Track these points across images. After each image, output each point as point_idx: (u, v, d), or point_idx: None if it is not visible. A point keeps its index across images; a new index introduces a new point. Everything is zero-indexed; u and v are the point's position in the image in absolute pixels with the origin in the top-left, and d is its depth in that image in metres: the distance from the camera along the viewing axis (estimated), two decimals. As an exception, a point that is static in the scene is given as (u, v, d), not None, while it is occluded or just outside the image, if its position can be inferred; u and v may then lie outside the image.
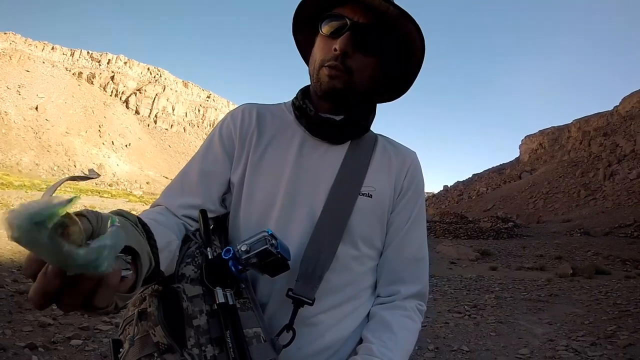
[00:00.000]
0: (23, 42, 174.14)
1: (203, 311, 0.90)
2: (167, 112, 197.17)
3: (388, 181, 1.24)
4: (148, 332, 0.87)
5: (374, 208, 1.19)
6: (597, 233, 31.67)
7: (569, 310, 9.13)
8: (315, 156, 1.21)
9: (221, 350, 0.87)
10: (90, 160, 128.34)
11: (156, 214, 1.10)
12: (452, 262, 18.67)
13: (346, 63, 1.12)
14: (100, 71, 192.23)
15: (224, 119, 1.31)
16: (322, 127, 1.21)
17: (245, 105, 1.32)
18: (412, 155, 1.33)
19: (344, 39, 1.10)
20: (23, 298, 6.14)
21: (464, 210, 68.98)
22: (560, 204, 61.16)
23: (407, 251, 1.24)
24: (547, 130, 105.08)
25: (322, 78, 1.15)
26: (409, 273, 1.23)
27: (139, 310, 0.90)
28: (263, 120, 1.28)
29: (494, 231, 32.79)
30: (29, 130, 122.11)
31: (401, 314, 1.17)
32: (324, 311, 1.12)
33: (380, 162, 1.26)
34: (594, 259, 19.47)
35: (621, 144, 70.44)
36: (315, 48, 1.20)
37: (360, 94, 1.20)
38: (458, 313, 8.82)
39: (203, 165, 1.23)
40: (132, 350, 0.87)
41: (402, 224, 1.25)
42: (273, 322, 1.06)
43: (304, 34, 1.32)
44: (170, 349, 0.85)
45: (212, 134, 1.29)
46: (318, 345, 1.11)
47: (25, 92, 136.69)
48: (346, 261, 1.15)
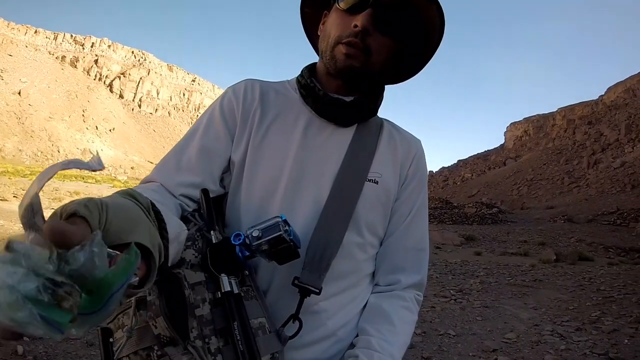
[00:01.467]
0: (5, 25, 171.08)
1: (206, 300, 0.84)
2: (152, 96, 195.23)
3: (394, 168, 1.20)
4: (148, 323, 0.81)
5: (380, 194, 1.15)
6: (581, 220, 31.93)
7: (554, 296, 9.22)
8: (321, 138, 1.15)
9: (226, 342, 0.82)
10: (74, 145, 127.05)
11: (153, 192, 0.99)
12: (437, 246, 18.74)
13: (366, 41, 1.07)
14: (84, 55, 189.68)
15: (225, 93, 1.23)
16: (330, 108, 1.15)
17: (248, 80, 1.24)
18: (417, 144, 1.29)
19: (366, 16, 1.05)
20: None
21: (449, 195, 69.32)
22: (544, 191, 61.66)
23: (410, 241, 1.21)
24: (532, 118, 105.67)
25: (337, 55, 1.09)
26: (410, 263, 1.21)
27: (136, 298, 0.84)
28: (266, 97, 1.20)
29: (478, 217, 33.16)
30: (11, 115, 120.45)
31: (400, 304, 1.15)
32: (326, 298, 1.07)
33: (387, 148, 1.22)
34: (577, 246, 19.63)
35: (605, 133, 71.07)
36: (330, 23, 1.13)
37: (374, 75, 1.16)
38: (444, 297, 8.87)
39: (203, 141, 1.14)
40: (130, 342, 0.82)
41: (405, 213, 1.21)
42: (274, 310, 1.01)
43: (313, 8, 1.26)
44: (173, 341, 0.80)
45: (212, 109, 1.21)
46: (319, 333, 1.08)
47: (7, 76, 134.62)
48: (350, 248, 1.11)
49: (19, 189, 25.94)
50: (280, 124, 1.17)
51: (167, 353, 0.80)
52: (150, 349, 0.81)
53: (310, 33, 1.33)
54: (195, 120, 1.27)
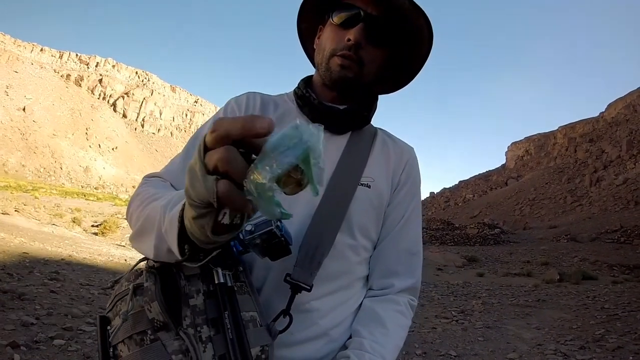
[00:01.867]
0: (12, 42, 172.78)
1: (200, 291, 0.87)
2: (155, 116, 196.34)
3: (386, 173, 1.25)
4: (143, 307, 0.84)
5: (372, 198, 1.19)
6: (584, 239, 31.89)
7: (557, 315, 9.16)
8: None
9: (217, 331, 0.84)
10: (77, 162, 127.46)
11: (171, 188, 1.11)
12: (439, 268, 18.75)
13: (359, 54, 1.14)
14: (89, 74, 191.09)
15: (228, 103, 1.31)
16: (324, 116, 1.21)
17: (250, 92, 1.32)
18: (410, 150, 1.34)
19: (358, 30, 1.12)
20: (6, 297, 6.07)
21: (451, 216, 69.19)
22: (546, 210, 61.55)
23: (403, 244, 1.24)
24: (533, 137, 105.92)
25: (332, 67, 1.16)
26: (404, 266, 1.23)
27: (134, 284, 0.88)
28: (266, 108, 1.28)
29: (480, 237, 33.06)
30: (15, 131, 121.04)
31: (393, 308, 1.17)
32: (318, 298, 1.10)
33: (380, 154, 1.27)
34: (581, 265, 19.61)
35: (607, 150, 71.13)
36: (325, 37, 1.21)
37: (367, 85, 1.23)
38: (445, 318, 8.83)
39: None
40: (125, 326, 0.84)
41: (398, 217, 1.25)
42: (267, 307, 1.03)
43: (309, 23, 1.33)
44: (165, 326, 0.82)
45: (215, 117, 1.22)
46: (311, 331, 1.10)
47: (13, 92, 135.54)
48: (343, 249, 1.14)
49: (20, 203, 25.99)
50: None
51: (160, 338, 0.81)
52: (144, 333, 0.82)
53: (307, 47, 1.40)
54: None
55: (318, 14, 1.27)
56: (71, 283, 8.21)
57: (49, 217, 23.56)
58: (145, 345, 0.82)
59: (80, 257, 12.37)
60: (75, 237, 17.89)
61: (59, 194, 55.57)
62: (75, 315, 6.04)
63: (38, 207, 27.36)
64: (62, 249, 13.11)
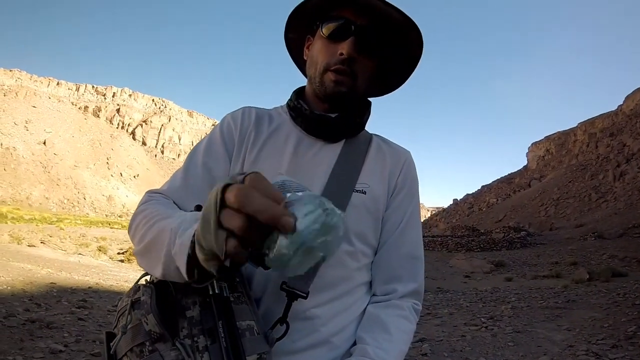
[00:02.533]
0: (29, 78, 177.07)
1: (196, 303, 0.88)
2: (174, 142, 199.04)
3: (382, 179, 1.25)
4: (140, 320, 0.87)
5: (368, 204, 1.20)
6: (611, 235, 31.21)
7: (588, 315, 9.00)
8: (310, 154, 1.21)
9: (213, 341, 0.85)
10: (99, 192, 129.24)
11: (174, 205, 1.11)
12: (466, 275, 18.60)
13: (352, 67, 1.15)
14: (106, 104, 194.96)
15: (224, 119, 1.31)
16: (317, 125, 1.22)
17: (245, 108, 1.33)
18: (406, 154, 1.35)
19: (350, 44, 1.13)
20: (35, 326, 6.14)
21: (475, 222, 68.32)
22: (571, 209, 60.48)
23: (404, 249, 1.24)
24: (552, 136, 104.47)
25: (327, 82, 1.17)
26: (406, 271, 1.23)
27: (132, 299, 0.91)
28: (261, 121, 1.28)
29: (506, 241, 32.52)
30: (37, 164, 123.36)
31: (397, 313, 1.17)
32: (318, 305, 1.11)
33: (375, 160, 1.28)
34: (610, 262, 19.21)
35: (628, 143, 69.77)
36: (316, 50, 1.21)
37: (360, 96, 1.25)
38: (474, 326, 8.73)
39: (205, 160, 1.21)
40: (125, 339, 0.87)
41: (397, 221, 1.25)
42: (267, 317, 1.05)
43: (297, 33, 1.34)
44: (162, 337, 0.84)
45: (213, 133, 1.28)
46: (312, 339, 1.10)
47: (32, 127, 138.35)
48: (340, 256, 1.14)
49: (46, 235, 26.34)
50: (272, 144, 1.23)
51: (157, 349, 0.84)
52: (142, 345, 0.85)
53: (296, 56, 1.41)
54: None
55: (306, 24, 1.28)
56: (99, 310, 8.31)
57: (74, 247, 23.80)
58: (145, 357, 0.84)
59: (107, 284, 12.50)
60: (101, 265, 18.05)
61: (83, 224, 56.34)
62: (103, 341, 6.06)
63: (64, 238, 27.66)
64: (89, 278, 13.25)
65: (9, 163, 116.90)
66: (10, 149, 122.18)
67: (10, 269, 11.41)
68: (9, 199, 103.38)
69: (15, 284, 9.51)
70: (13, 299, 7.93)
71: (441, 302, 12.09)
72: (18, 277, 10.33)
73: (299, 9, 1.24)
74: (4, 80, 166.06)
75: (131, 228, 1.04)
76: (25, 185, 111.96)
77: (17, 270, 11.41)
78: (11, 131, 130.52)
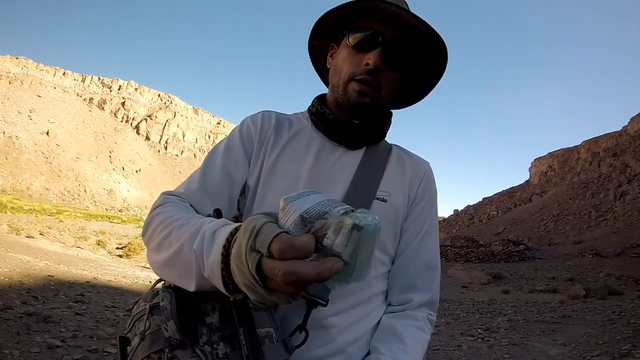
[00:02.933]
0: (35, 67, 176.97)
1: (216, 309, 0.87)
2: (178, 138, 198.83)
3: (402, 188, 1.25)
4: (160, 326, 0.85)
5: (388, 213, 1.19)
6: (609, 254, 31.17)
7: (583, 331, 9.01)
8: (331, 160, 1.21)
9: (233, 348, 0.84)
10: (100, 185, 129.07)
11: (191, 208, 1.09)
12: (464, 286, 18.56)
13: (377, 78, 1.15)
14: (111, 97, 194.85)
15: (244, 121, 1.31)
16: (341, 130, 1.22)
17: (265, 111, 1.32)
18: (426, 165, 1.34)
19: (377, 55, 1.12)
20: (32, 320, 6.11)
21: (475, 234, 68.39)
22: (571, 226, 60.44)
23: (421, 259, 1.24)
24: (556, 153, 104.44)
25: (350, 92, 1.16)
26: (422, 281, 1.23)
27: (150, 304, 0.90)
28: (281, 126, 1.28)
29: (505, 254, 32.57)
30: (39, 154, 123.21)
31: (412, 324, 1.16)
32: (335, 314, 1.10)
33: (395, 168, 1.27)
34: (607, 280, 19.15)
35: (631, 164, 69.77)
36: (342, 59, 1.21)
37: (383, 106, 1.24)
38: (471, 336, 8.73)
39: (224, 162, 1.20)
40: (143, 345, 0.86)
41: (416, 231, 1.25)
42: (285, 324, 1.03)
43: (320, 41, 1.34)
44: (182, 344, 0.83)
45: (232, 136, 1.27)
46: (329, 348, 1.09)
47: (36, 116, 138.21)
48: None
49: (45, 227, 26.36)
50: (292, 149, 1.23)
51: (177, 356, 0.82)
52: (161, 352, 0.83)
53: (318, 64, 1.41)
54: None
55: (331, 32, 1.27)
56: (96, 305, 8.28)
57: (73, 240, 23.83)
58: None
59: (105, 279, 12.49)
60: (100, 260, 18.07)
61: (83, 217, 56.34)
62: (100, 337, 6.07)
63: (63, 230, 27.70)
64: (87, 272, 13.24)
65: (11, 152, 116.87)
66: (13, 138, 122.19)
67: (8, 260, 11.38)
68: (9, 188, 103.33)
69: (13, 275, 9.48)
70: (10, 291, 7.91)
71: (438, 311, 11.81)
72: (16, 268, 10.31)
73: (326, 17, 1.24)
74: (10, 68, 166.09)
75: (146, 232, 1.04)
76: (26, 175, 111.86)
77: (15, 262, 11.37)
78: (15, 120, 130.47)
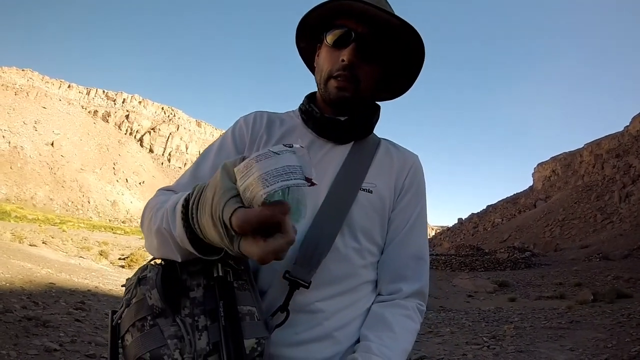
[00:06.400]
0: (40, 79, 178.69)
1: (200, 285, 0.92)
2: (181, 151, 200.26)
3: (389, 179, 1.30)
4: (145, 295, 0.91)
5: (375, 203, 1.24)
6: (616, 256, 31.10)
7: (591, 335, 8.93)
8: (320, 154, 1.26)
9: (213, 321, 0.88)
10: (104, 196, 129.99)
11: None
12: (469, 295, 18.54)
13: (353, 73, 1.20)
14: (116, 110, 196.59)
15: (237, 122, 1.37)
16: (327, 128, 1.28)
17: (257, 112, 1.39)
18: (413, 157, 1.39)
19: (350, 50, 1.18)
20: (31, 324, 6.14)
21: (480, 242, 68.27)
22: (577, 230, 60.21)
23: (409, 249, 1.27)
24: (559, 157, 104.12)
25: (330, 89, 1.23)
26: (411, 270, 1.26)
27: (139, 276, 0.95)
28: (272, 124, 1.34)
29: (511, 262, 32.47)
30: (44, 165, 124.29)
31: (402, 313, 1.19)
32: (322, 299, 1.13)
33: (382, 161, 1.32)
34: (615, 283, 19.06)
35: (634, 164, 69.49)
36: (322, 58, 1.28)
37: (365, 99, 1.30)
38: (476, 344, 8.69)
39: (216, 160, 1.27)
40: (128, 313, 0.92)
41: (403, 222, 1.29)
42: (273, 307, 1.06)
43: (307, 42, 1.40)
44: (164, 313, 0.89)
45: (225, 135, 1.35)
46: (316, 332, 1.12)
47: (41, 128, 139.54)
48: (347, 252, 1.18)
49: (48, 236, 26.46)
50: None
51: (158, 323, 0.88)
52: (144, 320, 0.89)
53: (310, 64, 1.47)
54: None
55: (315, 33, 1.33)
56: (96, 313, 8.30)
57: (76, 249, 23.88)
58: (145, 331, 0.88)
59: (107, 288, 12.51)
60: (102, 270, 18.04)
61: (86, 227, 56.54)
62: (99, 343, 6.09)
63: (65, 240, 27.78)
64: (89, 281, 13.25)
65: (16, 162, 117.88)
66: (18, 148, 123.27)
67: (11, 267, 11.45)
68: (13, 197, 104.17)
69: (15, 281, 9.54)
70: (11, 296, 7.94)
71: (443, 320, 12.09)
72: (17, 275, 10.37)
73: (304, 20, 1.30)
74: (16, 80, 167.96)
75: (141, 224, 1.11)
76: (31, 185, 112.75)
77: (17, 268, 11.44)
78: (20, 130, 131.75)
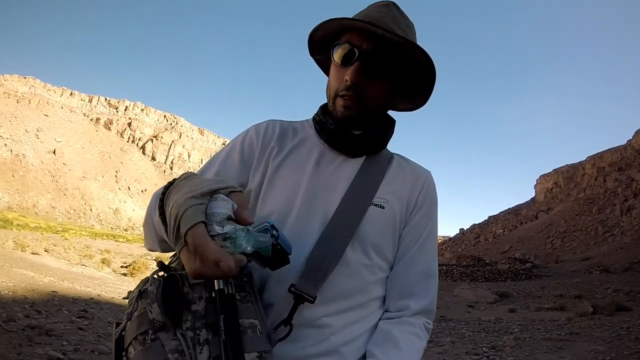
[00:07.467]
0: (42, 87, 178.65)
1: (202, 298, 0.90)
2: (183, 159, 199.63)
3: (401, 195, 1.27)
4: (145, 309, 0.89)
5: (386, 219, 1.21)
6: (617, 269, 30.91)
7: (591, 347, 8.91)
8: (332, 167, 1.25)
9: (214, 335, 0.87)
10: (106, 204, 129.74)
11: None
12: (469, 305, 18.45)
13: (358, 91, 1.17)
14: (118, 117, 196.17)
15: (248, 130, 1.36)
16: (341, 141, 1.26)
17: (270, 121, 1.38)
18: (426, 173, 1.36)
19: (354, 70, 1.15)
20: (34, 332, 6.13)
21: (481, 252, 67.97)
22: (578, 243, 60.05)
23: (420, 266, 1.25)
24: (561, 169, 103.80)
25: (337, 108, 1.21)
26: (420, 288, 1.24)
27: (140, 289, 0.94)
28: (285, 134, 1.33)
29: (511, 273, 32.29)
30: (46, 173, 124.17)
31: (409, 330, 1.17)
32: (330, 314, 1.12)
33: (395, 176, 1.30)
34: (615, 296, 18.98)
35: (636, 178, 69.28)
36: (331, 75, 1.26)
37: (374, 115, 1.26)
38: (476, 355, 8.68)
39: (221, 169, 1.28)
40: (131, 326, 0.91)
41: (414, 238, 1.27)
42: (279, 320, 1.06)
43: (322, 54, 1.37)
44: (164, 327, 0.87)
45: (234, 143, 1.34)
46: (322, 347, 1.11)
47: (43, 135, 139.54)
48: (357, 268, 1.16)
49: (50, 244, 26.40)
50: (295, 157, 1.28)
51: (159, 337, 0.87)
52: (146, 333, 0.87)
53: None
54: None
55: (326, 47, 1.29)
56: (99, 321, 8.29)
57: (78, 257, 23.82)
58: (147, 345, 0.87)
59: (109, 296, 12.49)
60: (104, 278, 18.02)
61: (88, 235, 56.49)
62: (102, 351, 6.08)
63: (68, 248, 27.69)
64: (91, 289, 13.24)
65: (18, 170, 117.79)
66: (20, 156, 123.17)
67: (13, 275, 11.43)
68: (15, 205, 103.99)
69: (17, 290, 9.53)
70: (14, 304, 7.94)
71: (443, 330, 12.03)
72: (20, 283, 10.36)
73: (312, 35, 1.29)
74: (18, 87, 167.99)
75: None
76: (33, 193, 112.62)
77: (20, 277, 11.42)
78: (22, 138, 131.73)
